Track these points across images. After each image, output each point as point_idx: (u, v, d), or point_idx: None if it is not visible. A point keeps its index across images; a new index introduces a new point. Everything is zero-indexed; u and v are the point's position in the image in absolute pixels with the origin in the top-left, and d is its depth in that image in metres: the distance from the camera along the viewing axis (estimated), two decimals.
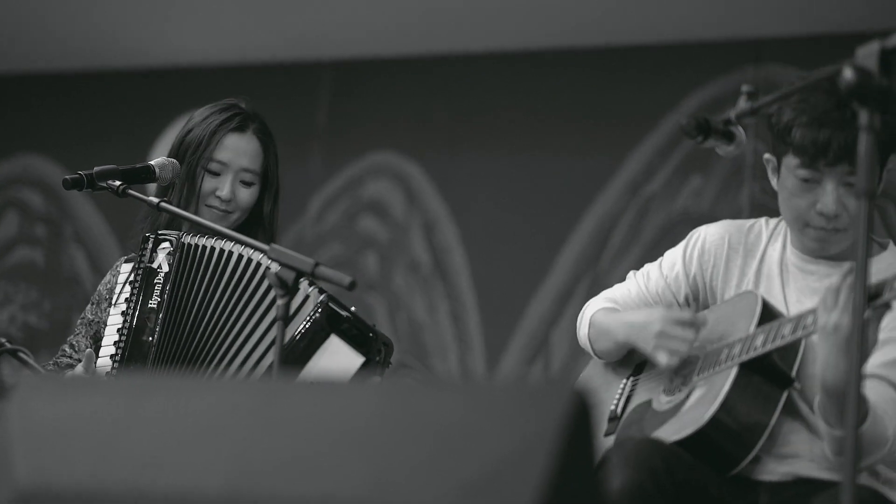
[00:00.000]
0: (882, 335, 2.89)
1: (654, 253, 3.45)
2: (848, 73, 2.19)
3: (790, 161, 3.04)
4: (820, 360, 2.86)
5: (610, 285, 3.46)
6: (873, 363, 2.97)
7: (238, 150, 3.50)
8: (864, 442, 2.86)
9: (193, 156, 3.47)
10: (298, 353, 3.14)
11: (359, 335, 3.17)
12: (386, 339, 3.20)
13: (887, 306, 2.76)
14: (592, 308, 3.36)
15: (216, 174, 3.48)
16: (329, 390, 2.05)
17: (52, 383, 2.17)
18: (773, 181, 3.15)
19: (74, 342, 3.51)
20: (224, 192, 3.46)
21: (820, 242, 3.08)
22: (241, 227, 3.51)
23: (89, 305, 3.55)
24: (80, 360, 3.39)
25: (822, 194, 3.01)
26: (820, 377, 2.87)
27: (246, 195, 3.50)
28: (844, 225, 3.04)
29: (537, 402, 1.79)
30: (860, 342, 2.20)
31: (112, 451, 1.88)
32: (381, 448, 1.78)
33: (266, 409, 1.93)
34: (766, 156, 3.14)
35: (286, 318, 2.90)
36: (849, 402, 2.21)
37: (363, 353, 3.15)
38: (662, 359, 3.11)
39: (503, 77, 6.77)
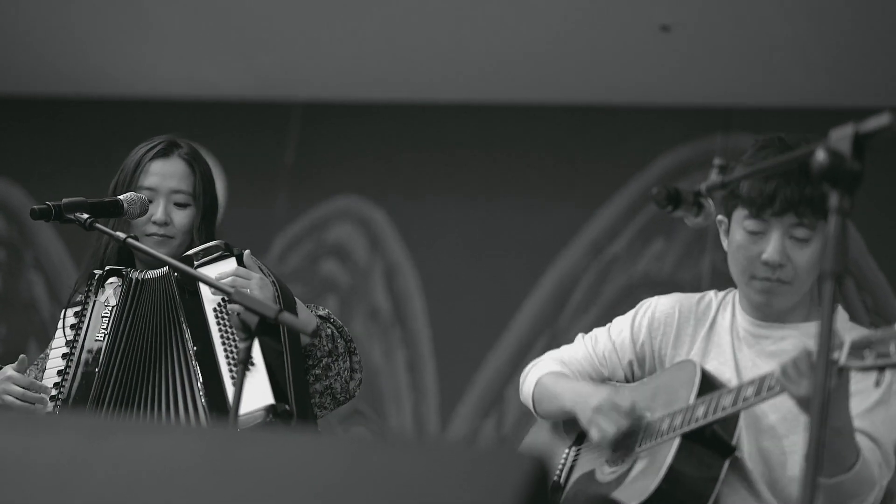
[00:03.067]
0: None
1: (612, 315, 3.49)
2: (821, 156, 2.20)
3: (739, 214, 3.11)
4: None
5: (568, 343, 3.48)
6: None
7: (164, 173, 3.50)
8: (858, 481, 2.90)
9: (123, 189, 3.47)
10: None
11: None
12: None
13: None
14: (540, 370, 3.40)
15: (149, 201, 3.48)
16: (284, 440, 2.04)
17: (4, 419, 2.15)
18: (725, 242, 3.21)
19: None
20: (158, 214, 3.46)
21: (765, 295, 3.12)
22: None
23: (41, 354, 3.57)
24: None
25: (767, 244, 3.07)
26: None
27: (182, 217, 3.49)
28: (789, 277, 3.09)
29: (496, 467, 1.79)
30: (824, 413, 2.20)
31: (61, 493, 1.87)
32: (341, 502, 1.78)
33: (219, 457, 1.92)
34: (719, 217, 3.19)
35: (246, 361, 2.89)
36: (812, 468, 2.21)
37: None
38: (594, 434, 3.17)
39: (471, 129, 6.79)
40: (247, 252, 3.33)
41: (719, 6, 5.82)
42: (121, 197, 3.39)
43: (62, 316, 3.45)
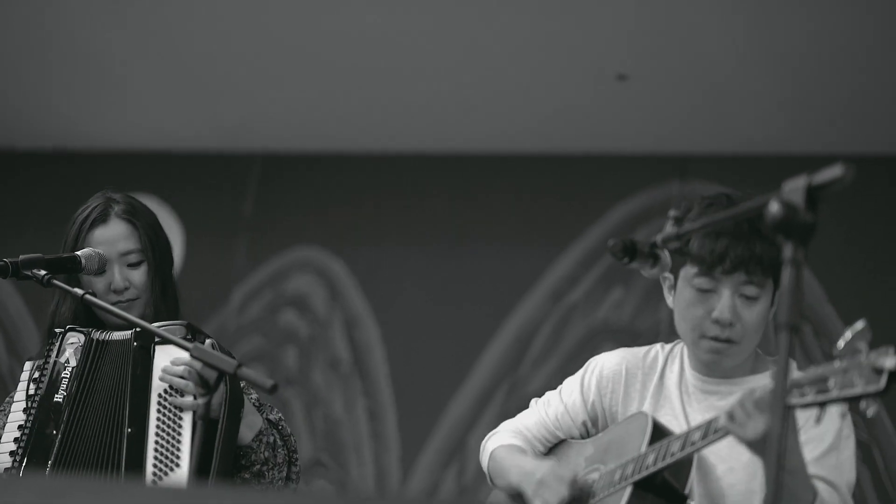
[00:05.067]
0: (800, 438, 2.94)
1: (572, 362, 3.51)
2: (774, 207, 2.22)
3: (688, 271, 3.12)
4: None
5: (528, 391, 3.51)
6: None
7: (107, 240, 3.47)
8: None
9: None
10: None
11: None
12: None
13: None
14: (495, 443, 3.44)
15: (101, 272, 3.45)
16: (246, 498, 2.04)
17: None
18: (669, 299, 3.22)
19: None
20: (116, 281, 3.44)
21: (714, 354, 3.13)
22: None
23: (7, 398, 3.52)
24: None
25: (717, 302, 3.08)
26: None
27: (139, 275, 3.47)
28: (739, 337, 3.10)
29: None
30: (780, 461, 2.21)
31: None
32: None
33: None
34: (664, 273, 3.20)
35: (206, 417, 2.88)
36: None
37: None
38: None
39: (429, 179, 6.81)
40: (209, 341, 3.24)
41: (675, 56, 5.87)
42: (78, 253, 3.37)
43: (23, 368, 3.42)
